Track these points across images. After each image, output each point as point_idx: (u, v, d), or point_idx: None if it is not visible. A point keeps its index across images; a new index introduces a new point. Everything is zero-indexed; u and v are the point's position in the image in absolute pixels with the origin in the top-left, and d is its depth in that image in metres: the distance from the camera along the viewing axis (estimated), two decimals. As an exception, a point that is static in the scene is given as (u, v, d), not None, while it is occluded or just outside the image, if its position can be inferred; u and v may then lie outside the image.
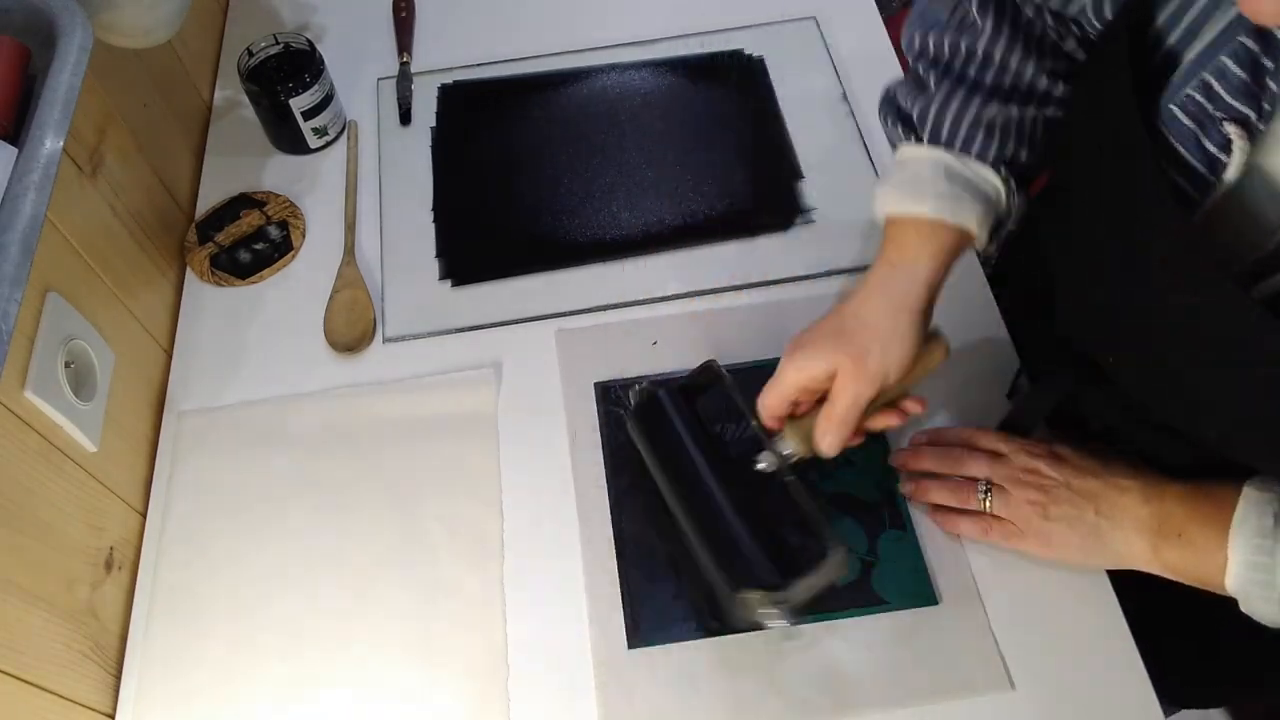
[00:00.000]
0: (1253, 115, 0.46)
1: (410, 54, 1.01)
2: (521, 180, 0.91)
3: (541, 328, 0.81)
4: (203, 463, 0.75)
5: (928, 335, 0.63)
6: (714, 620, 0.66)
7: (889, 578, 0.68)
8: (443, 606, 0.68)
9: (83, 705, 0.63)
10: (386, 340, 0.81)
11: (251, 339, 0.82)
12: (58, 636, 0.61)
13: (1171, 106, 0.49)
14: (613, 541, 0.70)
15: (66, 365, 0.65)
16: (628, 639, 0.66)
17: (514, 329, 0.81)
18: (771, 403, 0.64)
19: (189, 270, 0.86)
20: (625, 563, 0.69)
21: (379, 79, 0.99)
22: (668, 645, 0.66)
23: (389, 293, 0.84)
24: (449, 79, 0.99)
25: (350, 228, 0.88)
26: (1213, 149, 0.48)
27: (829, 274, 0.83)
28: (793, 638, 0.66)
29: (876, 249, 0.65)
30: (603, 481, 0.72)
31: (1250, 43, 0.45)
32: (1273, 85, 0.45)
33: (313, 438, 0.76)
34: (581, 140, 0.93)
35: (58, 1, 0.58)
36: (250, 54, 0.89)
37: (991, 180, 0.62)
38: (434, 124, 0.96)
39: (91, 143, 0.74)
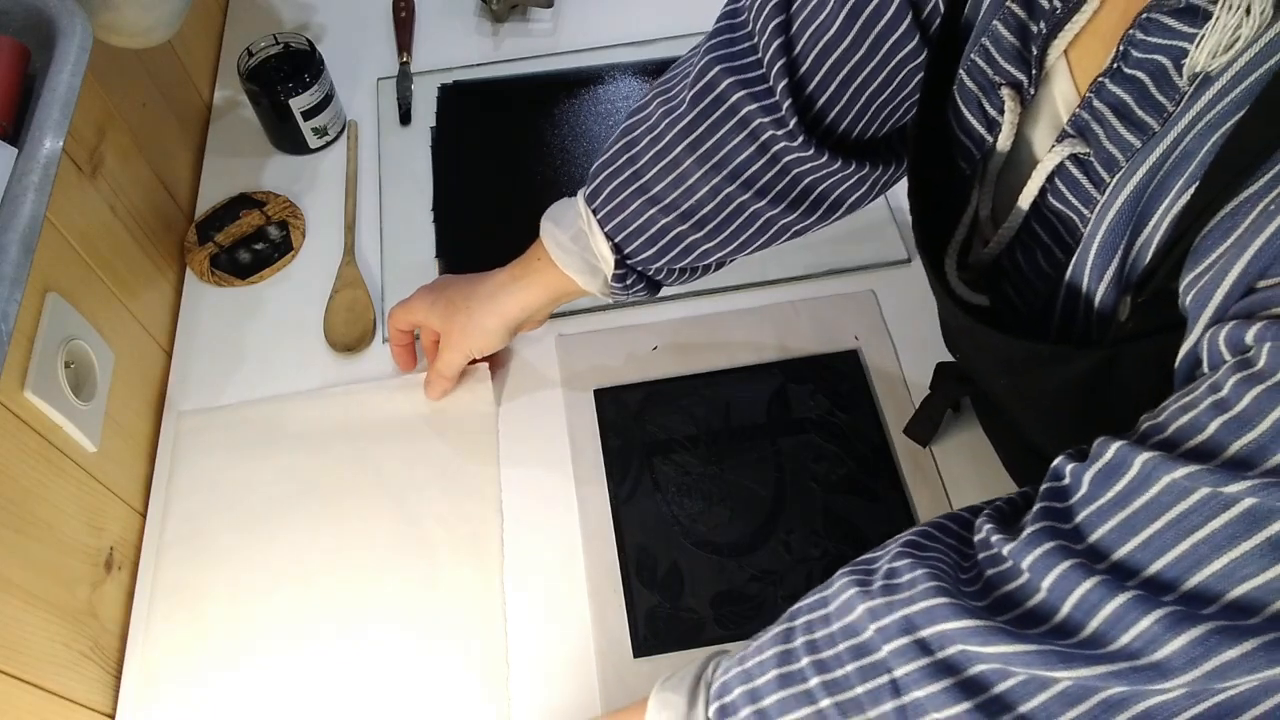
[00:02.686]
0: (1024, 80, 0.47)
1: (410, 54, 1.01)
2: (521, 180, 0.91)
3: (541, 328, 0.81)
4: (203, 463, 0.75)
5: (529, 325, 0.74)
6: (718, 626, 0.66)
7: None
8: (443, 606, 0.68)
9: (83, 705, 0.63)
10: (386, 340, 0.81)
11: (251, 339, 0.82)
12: (58, 636, 0.61)
13: (961, 71, 0.50)
14: (616, 549, 0.70)
15: (66, 365, 0.65)
16: (633, 648, 0.66)
17: (514, 329, 0.81)
18: (391, 328, 0.76)
19: (189, 270, 0.86)
20: (629, 571, 0.69)
21: (379, 79, 0.99)
22: (673, 653, 0.66)
23: (389, 293, 0.84)
24: (449, 79, 0.99)
25: (350, 228, 0.88)
26: (992, 112, 0.49)
27: (829, 274, 0.83)
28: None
29: (876, 249, 0.65)
30: (605, 489, 0.72)
31: (1016, 8, 0.46)
32: (1035, 49, 0.46)
33: (312, 437, 0.76)
34: (581, 140, 0.93)
35: (58, 1, 0.58)
36: (250, 54, 0.89)
37: (606, 260, 0.65)
38: (434, 124, 0.96)
39: (91, 143, 0.73)
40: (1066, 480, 0.40)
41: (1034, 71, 0.47)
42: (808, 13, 0.54)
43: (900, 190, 0.87)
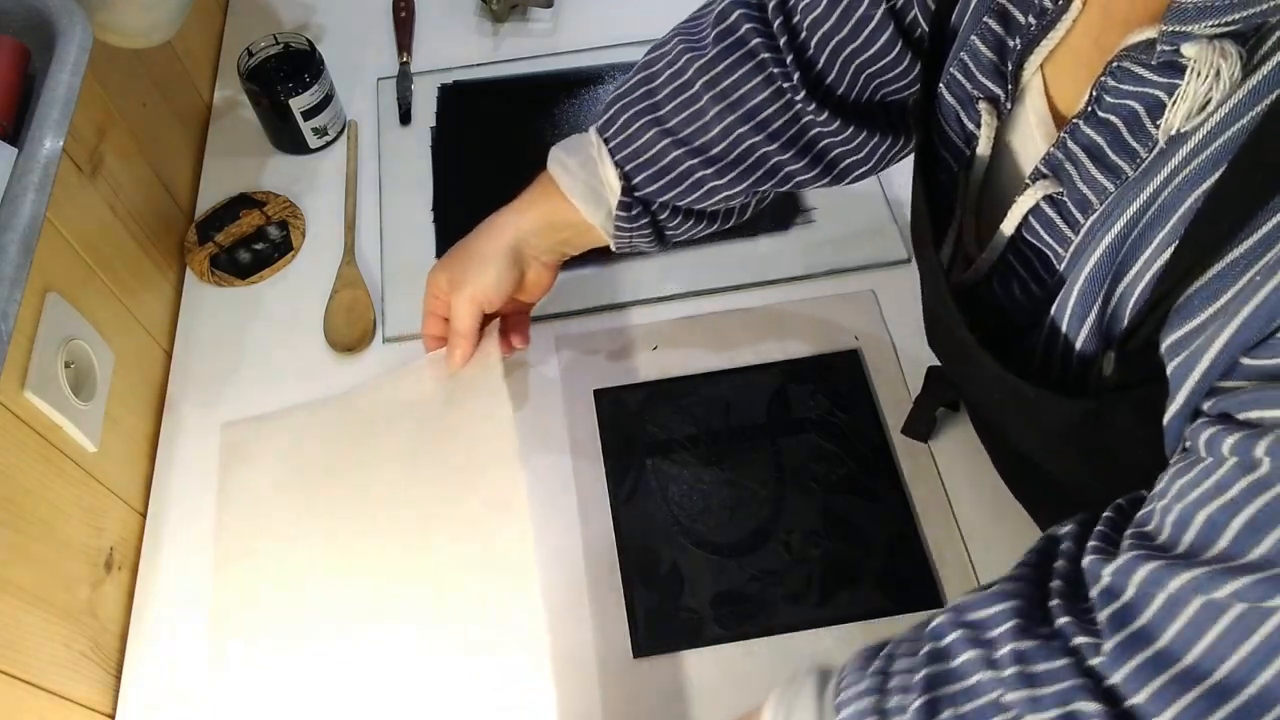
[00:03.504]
0: (1001, 94, 0.47)
1: (410, 54, 1.01)
2: (521, 180, 0.91)
3: (541, 328, 0.81)
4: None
5: (534, 269, 0.70)
6: (718, 626, 0.66)
7: (894, 583, 0.68)
8: (465, 615, 0.68)
9: (83, 705, 0.63)
10: (386, 340, 0.81)
11: (251, 339, 0.82)
12: (58, 636, 0.61)
13: (940, 85, 0.51)
14: (616, 549, 0.70)
15: (66, 365, 0.65)
16: (633, 648, 0.66)
17: (514, 329, 0.81)
18: (424, 316, 0.73)
19: (189, 270, 0.86)
20: (629, 571, 0.69)
21: (379, 79, 0.99)
22: (673, 654, 0.66)
23: (389, 293, 0.84)
24: (449, 79, 0.99)
25: (350, 228, 0.88)
26: (971, 126, 0.50)
27: (829, 274, 0.83)
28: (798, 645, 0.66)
29: (876, 249, 0.65)
30: (605, 489, 0.72)
31: (994, 24, 0.47)
32: (1011, 65, 0.46)
33: (312, 436, 0.76)
34: (581, 140, 0.93)
35: (57, 2, 0.58)
36: (250, 54, 0.89)
37: (612, 187, 0.64)
38: (434, 124, 0.96)
39: (91, 143, 0.73)
40: (1108, 582, 0.38)
41: (1010, 86, 0.47)
42: None
43: (900, 190, 0.87)
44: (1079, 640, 0.37)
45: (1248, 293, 0.34)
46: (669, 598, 0.68)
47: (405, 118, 0.96)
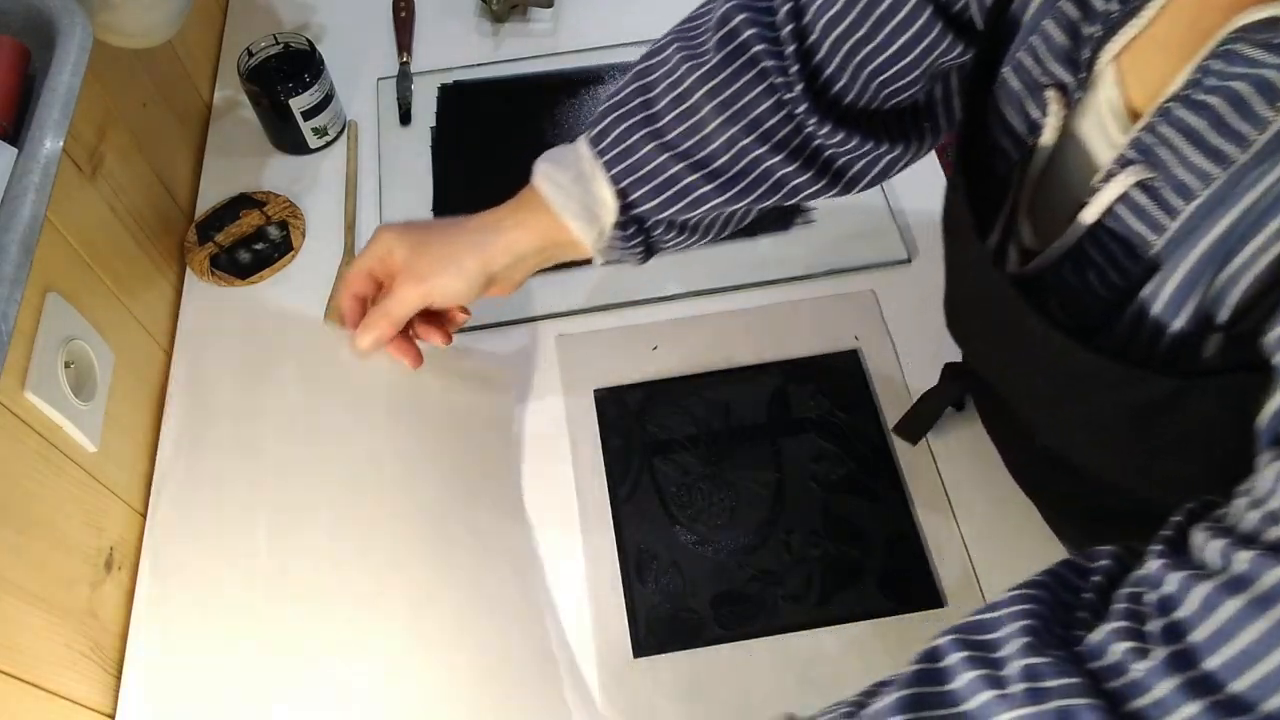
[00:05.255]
0: (1071, 81, 0.46)
1: (410, 54, 1.01)
2: (521, 181, 0.91)
3: (541, 328, 0.81)
4: (203, 462, 0.75)
5: (502, 283, 0.66)
6: (718, 626, 0.66)
7: (894, 583, 0.68)
8: (462, 619, 0.68)
9: (83, 705, 0.63)
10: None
11: (251, 339, 0.82)
12: (58, 636, 0.61)
13: (1005, 70, 0.49)
14: (616, 549, 0.70)
15: (66, 365, 0.65)
16: (633, 648, 0.66)
17: (513, 329, 0.81)
18: (350, 273, 0.66)
19: (189, 270, 0.86)
20: (629, 571, 0.69)
21: (379, 79, 0.99)
22: (673, 654, 0.66)
23: (389, 293, 0.84)
24: (449, 79, 0.99)
25: (350, 228, 0.88)
26: (1035, 114, 0.48)
27: (829, 274, 0.83)
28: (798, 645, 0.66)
29: (876, 249, 0.64)
30: (605, 489, 0.72)
31: (1070, 7, 0.45)
32: (1087, 52, 0.45)
33: (312, 437, 0.76)
34: (581, 140, 0.93)
35: (58, 2, 0.58)
36: (250, 54, 0.89)
37: (608, 205, 0.61)
38: (434, 124, 0.96)
39: (91, 143, 0.73)
40: (1171, 590, 0.36)
41: (1082, 74, 0.45)
42: None
43: (900, 190, 0.87)
44: (1121, 646, 0.36)
45: None
46: (669, 598, 0.68)
47: (405, 118, 0.96)
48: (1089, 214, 0.46)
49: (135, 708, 0.66)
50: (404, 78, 0.99)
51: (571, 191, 0.61)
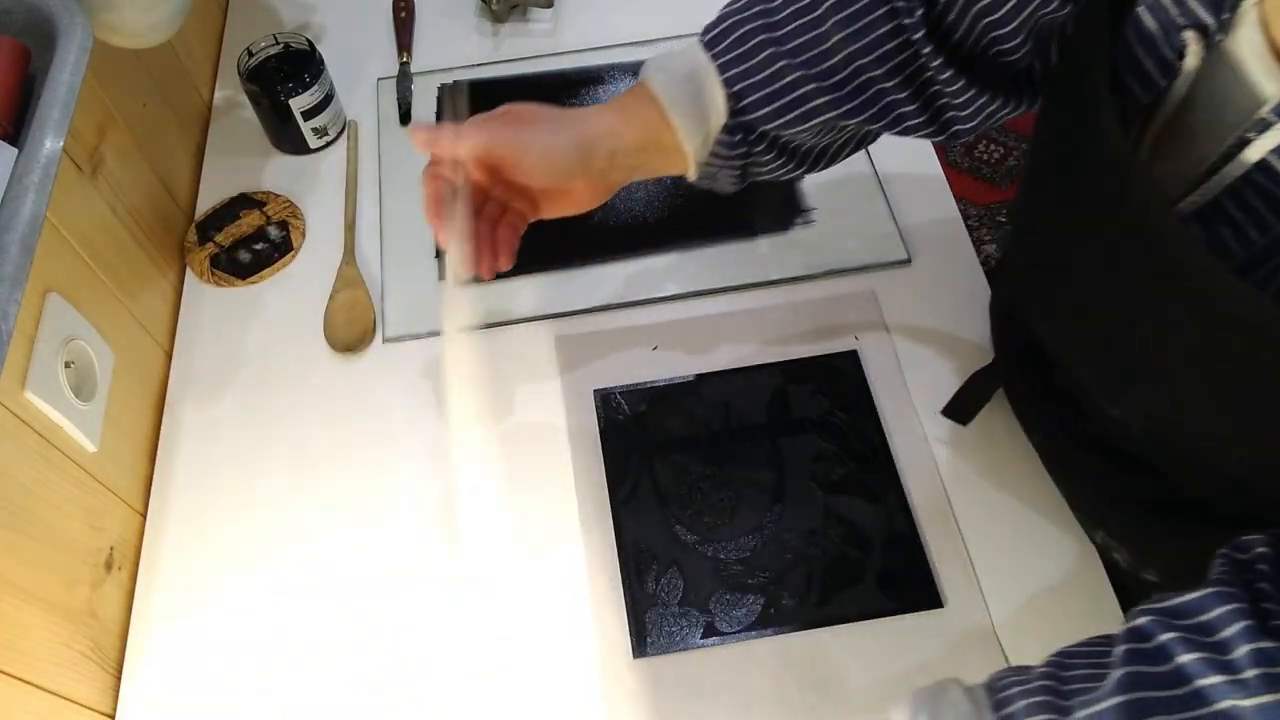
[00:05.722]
0: (1212, 23, 0.44)
1: (410, 54, 1.01)
2: (521, 180, 0.91)
3: (541, 328, 0.81)
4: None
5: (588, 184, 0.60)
6: (718, 626, 0.66)
7: (894, 581, 0.68)
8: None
9: (83, 705, 0.63)
10: (386, 340, 0.81)
11: (251, 339, 0.82)
12: (58, 636, 0.61)
13: (1140, 9, 0.47)
14: (615, 550, 0.70)
15: (66, 365, 0.65)
16: (632, 649, 0.66)
17: (514, 329, 0.81)
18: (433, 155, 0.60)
19: (189, 270, 0.86)
20: (629, 571, 0.69)
21: (379, 79, 0.99)
22: (673, 654, 0.66)
23: (389, 293, 0.84)
24: (449, 79, 0.99)
25: (350, 228, 0.88)
26: (1170, 56, 0.46)
27: (829, 274, 0.83)
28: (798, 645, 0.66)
29: (876, 249, 0.64)
30: (605, 489, 0.72)
31: None
32: None
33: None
34: (581, 140, 0.93)
35: (58, 1, 0.58)
36: (250, 54, 0.89)
37: (718, 108, 0.58)
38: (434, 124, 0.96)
39: (91, 143, 0.74)
40: None
41: (1225, 16, 0.43)
42: None
43: (900, 190, 0.87)
44: None
45: None
46: (669, 598, 0.68)
47: (405, 118, 0.96)
48: (1234, 167, 0.44)
49: (135, 708, 0.66)
50: (404, 78, 0.99)
51: (683, 88, 0.58)
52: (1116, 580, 0.66)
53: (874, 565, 0.68)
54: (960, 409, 0.72)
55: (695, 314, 0.81)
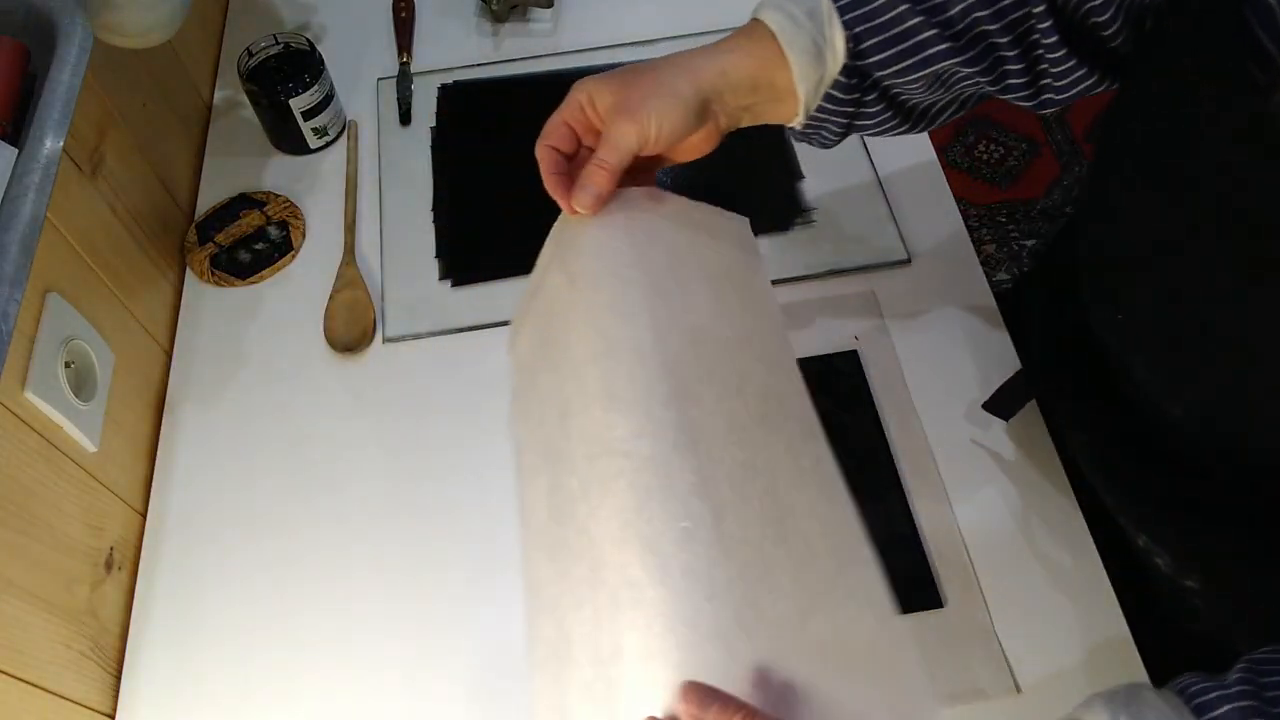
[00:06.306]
0: None
1: (410, 54, 1.01)
2: (521, 180, 0.91)
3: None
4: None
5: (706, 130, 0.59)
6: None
7: (894, 583, 0.68)
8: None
9: (83, 705, 0.63)
10: (386, 340, 0.81)
11: (251, 339, 0.82)
12: (58, 636, 0.61)
13: None
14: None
15: (66, 365, 0.65)
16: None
17: (514, 329, 0.81)
18: (547, 125, 0.62)
19: (189, 270, 0.86)
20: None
21: (379, 79, 0.99)
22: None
23: (389, 293, 0.84)
24: (449, 79, 0.99)
25: (350, 228, 0.88)
26: None
27: (829, 274, 0.83)
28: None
29: (876, 249, 0.64)
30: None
31: None
32: None
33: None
34: (581, 140, 0.93)
35: (58, 1, 0.58)
36: (250, 54, 0.89)
37: (836, 50, 0.57)
38: (434, 124, 0.96)
39: (91, 143, 0.74)
40: None
41: None
42: None
43: (900, 190, 0.87)
44: None
45: None
46: (669, 598, 0.67)
47: (405, 118, 0.96)
48: None
49: (135, 708, 0.66)
50: (404, 78, 0.99)
51: (804, 25, 0.56)
52: (1154, 588, 0.66)
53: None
54: (1002, 404, 0.71)
55: (695, 314, 0.81)
